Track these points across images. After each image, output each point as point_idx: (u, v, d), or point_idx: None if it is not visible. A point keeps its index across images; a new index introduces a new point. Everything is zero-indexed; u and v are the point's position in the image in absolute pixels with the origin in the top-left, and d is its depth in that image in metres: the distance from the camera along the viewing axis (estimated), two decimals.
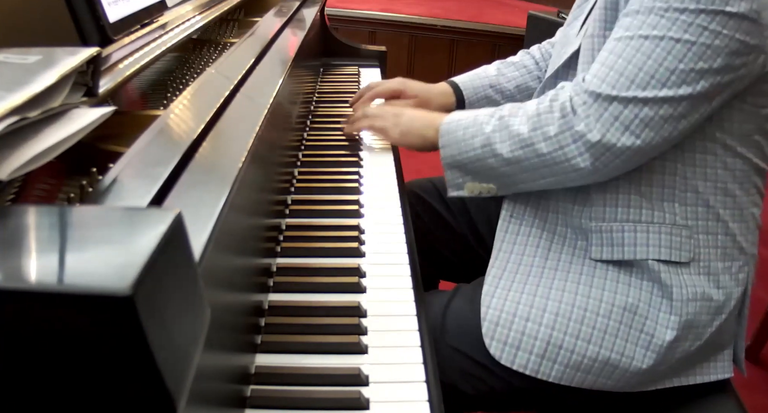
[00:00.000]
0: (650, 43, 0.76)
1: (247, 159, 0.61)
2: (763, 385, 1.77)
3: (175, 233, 0.34)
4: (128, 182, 0.49)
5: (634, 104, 0.76)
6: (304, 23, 1.32)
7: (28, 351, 0.29)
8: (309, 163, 1.08)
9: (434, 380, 0.66)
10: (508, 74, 1.22)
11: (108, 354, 0.29)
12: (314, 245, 0.85)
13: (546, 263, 0.88)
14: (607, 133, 0.77)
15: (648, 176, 0.83)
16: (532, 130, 0.83)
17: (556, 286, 0.85)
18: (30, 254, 0.32)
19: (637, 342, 0.81)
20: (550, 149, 0.81)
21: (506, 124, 0.86)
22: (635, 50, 0.76)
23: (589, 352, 0.82)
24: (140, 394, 0.31)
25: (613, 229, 0.84)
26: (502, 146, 0.85)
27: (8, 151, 0.40)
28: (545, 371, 0.83)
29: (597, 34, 0.86)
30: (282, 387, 0.63)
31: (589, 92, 0.79)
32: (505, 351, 0.83)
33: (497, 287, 0.87)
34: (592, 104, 0.78)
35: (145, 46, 0.77)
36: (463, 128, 0.90)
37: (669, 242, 0.82)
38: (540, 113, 0.83)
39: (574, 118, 0.79)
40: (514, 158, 0.85)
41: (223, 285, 0.54)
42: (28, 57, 0.49)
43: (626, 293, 0.83)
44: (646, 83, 0.76)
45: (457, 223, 1.18)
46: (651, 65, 0.75)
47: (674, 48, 0.75)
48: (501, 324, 0.84)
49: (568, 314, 0.82)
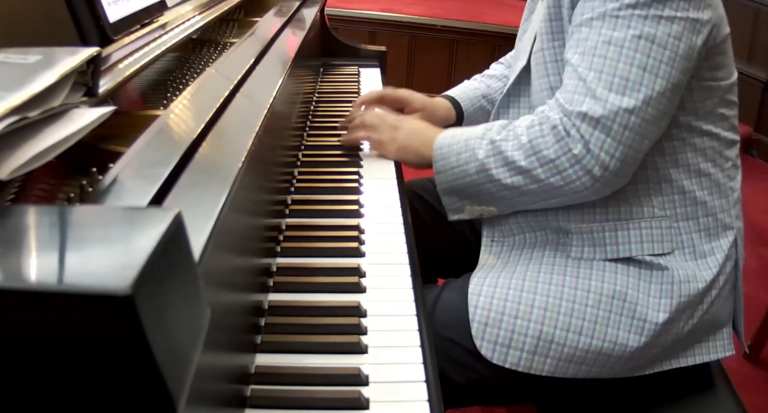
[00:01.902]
0: (614, 47, 0.76)
1: (247, 159, 0.61)
2: (763, 385, 1.77)
3: (175, 232, 0.34)
4: (128, 182, 0.49)
5: (620, 116, 0.76)
6: (304, 23, 1.31)
7: (28, 351, 0.29)
8: (309, 163, 1.07)
9: (434, 380, 0.66)
10: (493, 85, 1.23)
11: (108, 354, 0.29)
12: (314, 245, 0.85)
13: (531, 259, 0.88)
14: (601, 152, 0.77)
15: None
16: (527, 157, 0.82)
17: (542, 279, 0.85)
18: (30, 254, 0.32)
19: (629, 329, 0.81)
20: (548, 175, 0.81)
21: (499, 149, 0.85)
22: (602, 58, 0.76)
23: (581, 344, 0.82)
24: (140, 394, 0.31)
25: (593, 229, 0.85)
26: (499, 171, 0.85)
27: (8, 151, 0.40)
28: (538, 366, 0.83)
29: (545, 46, 0.86)
30: (282, 387, 0.63)
31: (575, 113, 0.78)
32: (497, 351, 0.83)
33: (483, 285, 0.87)
34: (581, 124, 0.77)
35: (145, 46, 0.77)
36: (455, 154, 0.89)
37: (650, 236, 0.83)
38: (532, 139, 0.82)
39: (569, 141, 0.79)
40: (512, 184, 0.84)
41: (223, 285, 0.54)
42: (28, 57, 0.49)
43: (614, 281, 0.83)
44: (624, 88, 0.76)
45: (458, 222, 1.18)
46: (623, 68, 0.76)
47: (639, 45, 0.75)
48: (490, 324, 0.84)
49: (557, 307, 0.82)
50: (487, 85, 1.23)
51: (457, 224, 1.18)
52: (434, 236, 1.18)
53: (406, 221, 0.94)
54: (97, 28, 0.69)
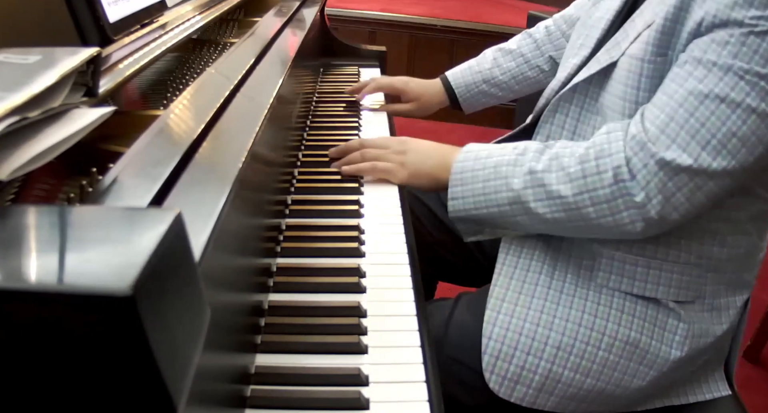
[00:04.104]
0: (726, 108, 0.69)
1: (247, 159, 0.61)
2: (763, 385, 1.77)
3: (175, 233, 0.34)
4: (128, 182, 0.49)
5: (701, 177, 0.70)
6: (304, 23, 1.31)
7: (28, 351, 0.29)
8: (309, 163, 1.07)
9: (434, 380, 0.66)
10: (504, 65, 1.19)
11: (108, 354, 0.29)
12: (314, 245, 0.85)
13: (551, 283, 0.84)
14: (666, 204, 0.72)
15: None
16: (578, 194, 0.76)
17: (560, 314, 0.82)
18: (30, 254, 0.32)
19: (634, 375, 0.81)
20: (599, 215, 0.75)
21: (541, 181, 0.78)
22: (710, 112, 0.70)
23: (586, 385, 0.82)
24: (140, 394, 0.31)
25: (626, 260, 0.81)
26: (539, 205, 0.78)
27: (8, 151, 0.40)
28: (542, 403, 0.83)
29: (647, 58, 0.76)
30: (282, 387, 0.63)
31: (656, 158, 0.71)
32: (504, 385, 0.83)
33: (499, 313, 0.84)
34: (657, 172, 0.71)
35: (145, 46, 0.77)
36: (482, 181, 0.82)
37: (680, 282, 0.81)
38: (586, 175, 0.75)
39: (631, 184, 0.73)
40: (554, 220, 0.78)
41: (223, 285, 0.54)
42: (28, 57, 0.49)
43: (629, 327, 0.81)
44: (717, 153, 0.70)
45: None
46: (725, 133, 0.69)
47: (750, 117, 0.69)
48: (501, 357, 0.83)
49: (569, 348, 0.81)
50: (498, 64, 1.18)
51: (457, 231, 1.17)
52: (434, 239, 1.18)
53: (406, 221, 0.94)
54: (97, 28, 0.69)
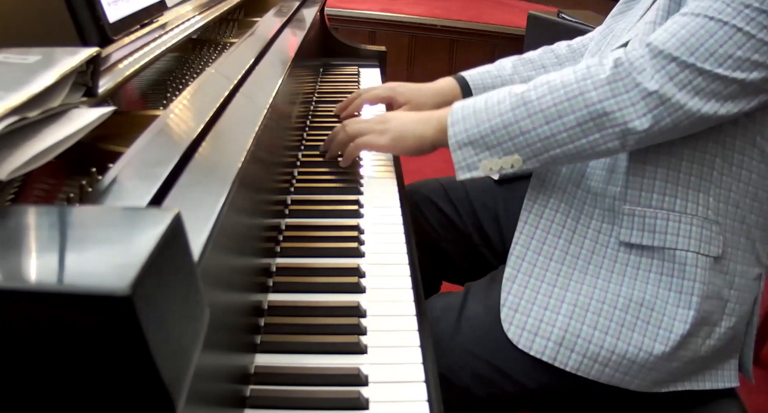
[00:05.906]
0: (714, 24, 0.77)
1: (247, 159, 0.61)
2: (763, 385, 1.77)
3: (175, 233, 0.34)
4: (128, 182, 0.49)
5: (690, 70, 0.77)
6: (304, 23, 1.32)
7: (27, 351, 0.29)
8: (309, 163, 1.07)
9: (434, 380, 0.66)
10: (524, 74, 1.17)
11: (107, 354, 0.29)
12: (314, 245, 0.85)
13: (569, 247, 0.87)
14: (665, 85, 0.77)
15: (687, 165, 0.83)
16: (581, 79, 0.80)
17: (576, 278, 0.85)
18: (29, 254, 0.32)
19: (654, 338, 0.82)
20: (601, 98, 0.79)
21: (544, 81, 0.83)
22: (699, 27, 0.77)
23: (606, 343, 0.82)
24: (139, 394, 0.31)
25: (646, 214, 0.84)
26: (542, 100, 0.82)
27: (8, 151, 0.40)
28: (562, 359, 0.83)
29: (658, 22, 0.85)
30: (281, 387, 0.63)
31: (651, 47, 0.78)
32: (523, 336, 0.84)
33: (519, 272, 0.87)
34: (652, 58, 0.78)
35: (145, 46, 0.77)
36: (483, 100, 0.86)
37: (700, 235, 0.83)
38: (590, 66, 0.81)
39: (630, 67, 0.78)
40: (557, 112, 0.81)
41: (223, 285, 0.54)
42: (28, 57, 0.49)
43: (643, 290, 0.83)
44: (705, 59, 0.77)
45: (464, 224, 1.17)
46: (711, 44, 0.77)
47: (735, 35, 0.76)
48: (520, 310, 0.85)
49: (586, 305, 0.83)
50: (517, 71, 1.16)
51: (464, 226, 1.17)
52: (440, 237, 1.18)
53: (406, 221, 0.94)
54: (97, 28, 0.69)
